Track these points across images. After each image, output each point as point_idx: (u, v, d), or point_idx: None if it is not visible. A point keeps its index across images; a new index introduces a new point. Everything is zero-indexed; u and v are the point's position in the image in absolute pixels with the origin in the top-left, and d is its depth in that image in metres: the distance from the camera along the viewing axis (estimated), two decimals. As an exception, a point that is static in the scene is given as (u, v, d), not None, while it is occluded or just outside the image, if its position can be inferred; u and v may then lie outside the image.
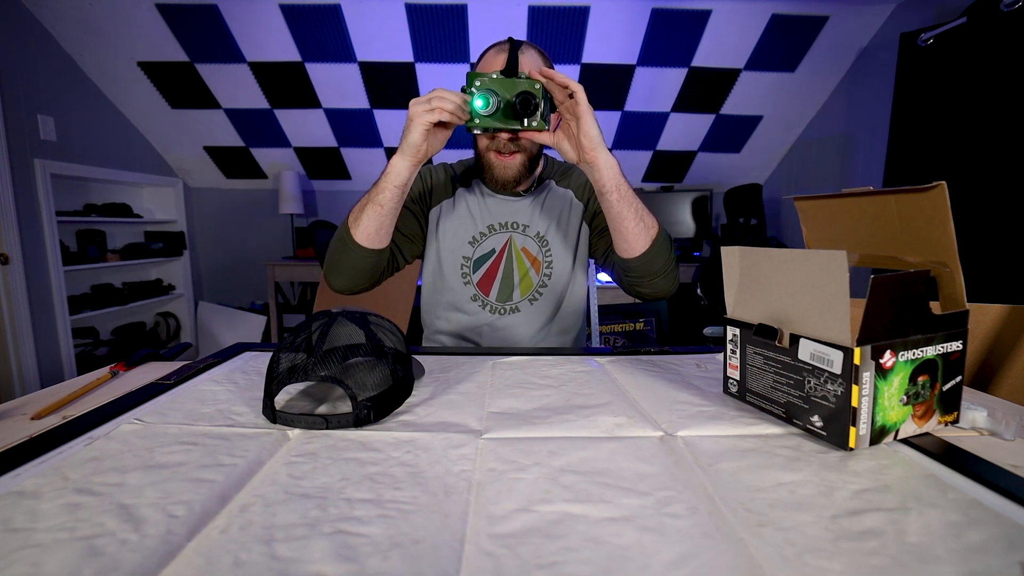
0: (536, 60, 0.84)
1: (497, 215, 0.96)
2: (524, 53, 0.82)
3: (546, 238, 0.96)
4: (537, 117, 0.73)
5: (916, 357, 0.45)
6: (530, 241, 0.96)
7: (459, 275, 0.96)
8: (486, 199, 0.96)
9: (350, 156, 3.03)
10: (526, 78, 0.72)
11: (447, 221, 0.96)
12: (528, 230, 0.96)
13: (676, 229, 2.99)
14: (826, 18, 2.26)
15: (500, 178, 0.89)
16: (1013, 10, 1.56)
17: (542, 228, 0.96)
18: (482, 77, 0.72)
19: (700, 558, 0.30)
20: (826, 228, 0.63)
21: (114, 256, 2.70)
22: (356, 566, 0.30)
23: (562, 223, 0.97)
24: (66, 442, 0.46)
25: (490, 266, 0.96)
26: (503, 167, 0.88)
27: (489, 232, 0.96)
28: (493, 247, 0.96)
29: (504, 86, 0.72)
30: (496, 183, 0.91)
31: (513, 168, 0.88)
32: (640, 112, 2.73)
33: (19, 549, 0.31)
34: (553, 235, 0.96)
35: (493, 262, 0.96)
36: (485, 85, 0.72)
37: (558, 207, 0.97)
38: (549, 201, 0.97)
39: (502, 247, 0.96)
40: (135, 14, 2.23)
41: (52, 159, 2.30)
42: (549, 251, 0.96)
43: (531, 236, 0.96)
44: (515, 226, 0.96)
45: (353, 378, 0.50)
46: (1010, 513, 0.34)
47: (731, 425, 0.50)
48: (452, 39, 2.37)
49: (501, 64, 0.79)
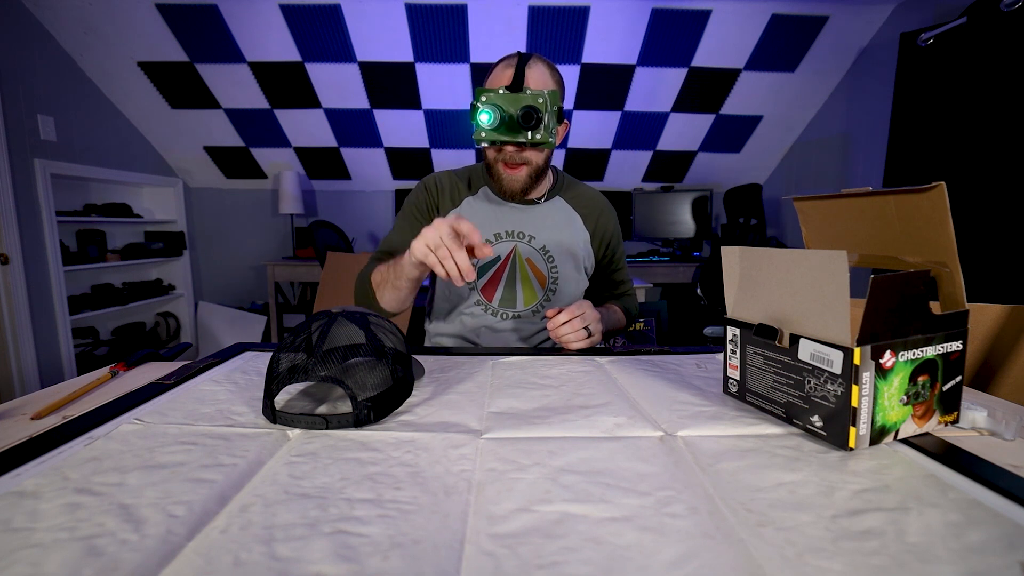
0: (543, 74, 0.85)
1: (504, 223, 0.97)
2: (531, 67, 0.84)
3: (552, 254, 0.98)
4: (541, 130, 0.76)
5: (916, 357, 0.45)
6: (535, 253, 0.98)
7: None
8: (494, 207, 0.98)
9: (350, 156, 3.03)
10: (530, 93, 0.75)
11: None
12: (534, 241, 0.98)
13: (676, 229, 2.99)
14: (826, 18, 2.26)
15: (508, 189, 0.93)
16: (1013, 10, 1.56)
17: (548, 241, 0.98)
18: (488, 93, 0.75)
19: (700, 558, 0.30)
20: (826, 228, 0.63)
21: (114, 256, 2.70)
22: (356, 566, 0.30)
23: (568, 248, 0.99)
24: (66, 442, 0.46)
25: (494, 273, 0.98)
26: (510, 179, 0.91)
27: (495, 240, 0.97)
28: (498, 254, 0.97)
29: (509, 101, 0.75)
30: (504, 193, 0.94)
31: (520, 180, 0.91)
32: (640, 112, 2.73)
33: (19, 549, 0.31)
34: (559, 252, 0.98)
35: (497, 269, 0.98)
36: (491, 100, 0.75)
37: (565, 228, 0.99)
38: (556, 216, 0.99)
39: (507, 255, 0.98)
40: (135, 14, 2.23)
41: (52, 159, 2.30)
42: (556, 268, 0.98)
43: (536, 248, 0.98)
44: (521, 236, 0.97)
45: (353, 378, 0.50)
46: (1010, 513, 0.34)
47: (731, 425, 0.50)
48: (452, 39, 2.36)
49: (508, 79, 0.81)
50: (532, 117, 0.74)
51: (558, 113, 0.79)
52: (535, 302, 0.98)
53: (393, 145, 2.92)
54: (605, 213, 1.04)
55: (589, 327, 0.82)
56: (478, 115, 0.74)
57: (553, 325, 0.80)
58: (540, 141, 0.77)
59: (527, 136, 0.76)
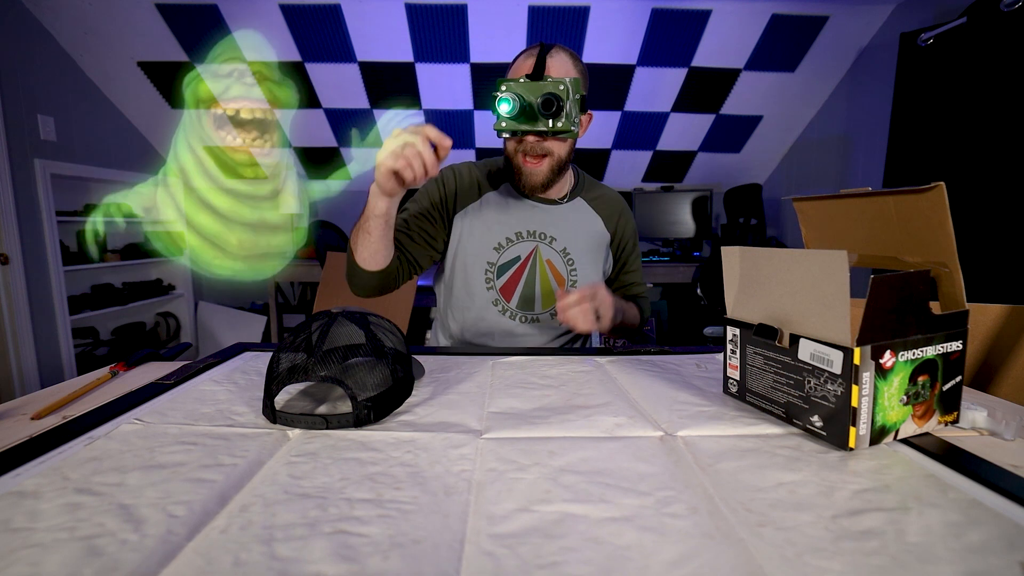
0: (565, 62, 0.83)
1: (525, 222, 0.95)
2: (552, 56, 0.82)
3: (572, 256, 0.96)
4: (562, 118, 0.74)
5: (916, 357, 0.45)
6: (555, 255, 0.96)
7: (483, 279, 0.95)
8: (514, 204, 0.96)
9: (350, 156, 3.03)
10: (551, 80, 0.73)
11: (473, 225, 0.95)
12: (555, 243, 0.96)
13: (676, 229, 2.99)
14: (826, 18, 2.26)
15: (529, 183, 0.89)
16: (1013, 10, 1.56)
17: (568, 243, 0.96)
18: (509, 82, 0.74)
19: (700, 558, 0.30)
20: (825, 229, 0.63)
21: (114, 256, 2.70)
22: (356, 566, 0.30)
23: (587, 249, 0.97)
24: (66, 442, 0.46)
25: (514, 273, 0.96)
26: (531, 172, 0.88)
27: (516, 239, 0.95)
28: (519, 254, 0.95)
29: (530, 89, 0.73)
30: (525, 187, 0.91)
31: (541, 173, 0.88)
32: (640, 112, 2.73)
33: (19, 549, 0.31)
34: (580, 254, 0.97)
35: (517, 269, 0.96)
36: (511, 89, 0.73)
37: (585, 230, 0.98)
38: (577, 218, 0.97)
39: (527, 255, 0.95)
40: (135, 14, 2.22)
41: (52, 159, 2.30)
42: (575, 270, 0.97)
43: (557, 250, 0.96)
44: (542, 236, 0.95)
45: (353, 378, 0.50)
46: (1010, 513, 0.34)
47: (731, 425, 0.50)
48: (452, 39, 2.36)
49: (530, 68, 0.79)
50: (553, 104, 0.72)
51: (581, 102, 0.76)
52: (553, 305, 0.96)
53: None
54: (624, 215, 1.03)
55: (599, 310, 0.79)
56: (498, 104, 0.72)
57: (563, 307, 0.77)
58: (562, 129, 0.75)
59: (548, 124, 0.74)
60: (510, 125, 0.74)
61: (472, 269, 0.95)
